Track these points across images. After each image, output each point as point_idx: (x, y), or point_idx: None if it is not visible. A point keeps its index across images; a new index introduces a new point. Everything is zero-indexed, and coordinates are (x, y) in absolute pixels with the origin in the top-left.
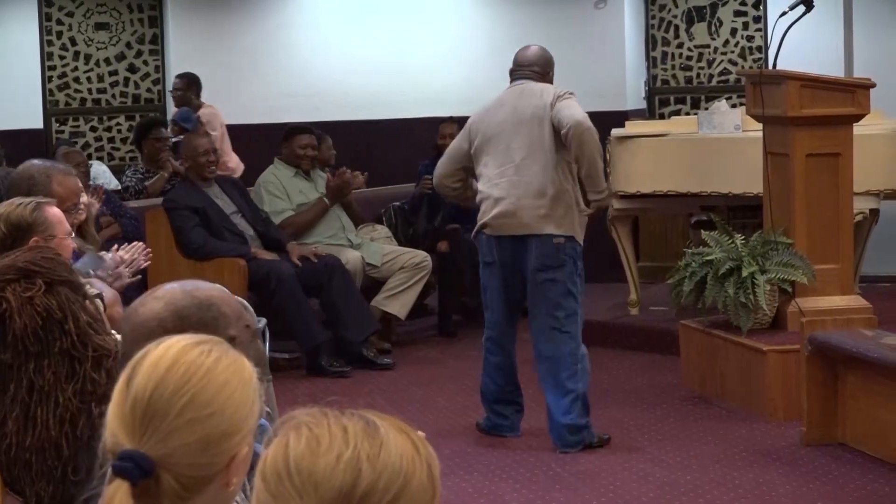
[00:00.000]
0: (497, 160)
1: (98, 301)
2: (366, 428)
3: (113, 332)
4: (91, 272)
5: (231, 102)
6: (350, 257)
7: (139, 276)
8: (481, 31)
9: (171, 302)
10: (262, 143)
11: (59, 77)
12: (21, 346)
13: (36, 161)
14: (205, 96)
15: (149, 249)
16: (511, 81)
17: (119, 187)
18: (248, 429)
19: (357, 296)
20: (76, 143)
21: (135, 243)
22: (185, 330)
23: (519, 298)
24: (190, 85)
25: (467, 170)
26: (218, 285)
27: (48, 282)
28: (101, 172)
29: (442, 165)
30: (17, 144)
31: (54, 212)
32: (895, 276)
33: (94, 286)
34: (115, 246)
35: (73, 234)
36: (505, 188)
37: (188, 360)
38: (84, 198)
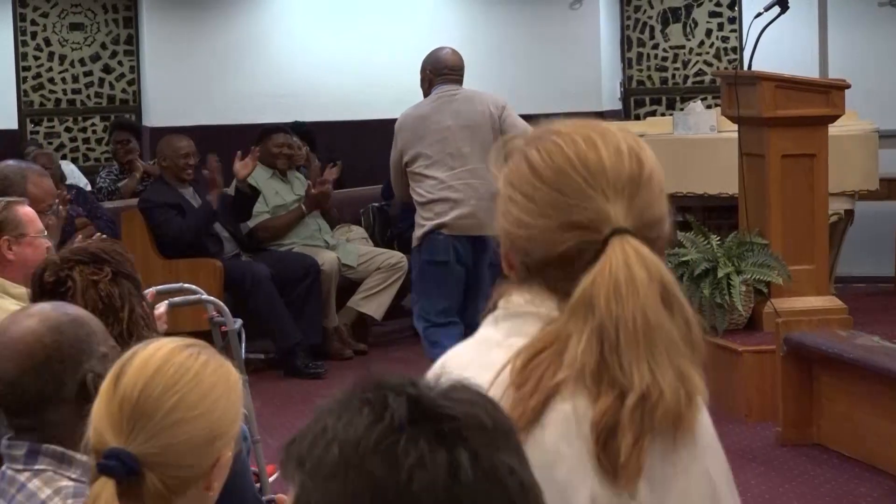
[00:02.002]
0: (447, 163)
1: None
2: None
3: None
4: None
5: (205, 103)
6: (326, 258)
7: None
8: (455, 32)
9: (46, 318)
10: (237, 143)
11: (34, 77)
12: None
13: (11, 162)
14: (180, 97)
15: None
16: (443, 81)
17: (88, 186)
18: (232, 433)
19: (312, 307)
20: (42, 145)
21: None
22: (62, 344)
23: (464, 292)
24: None
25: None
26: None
27: (115, 272)
28: (70, 172)
29: (396, 185)
30: None
31: (26, 211)
32: (870, 276)
33: None
34: (79, 237)
35: (45, 234)
36: (463, 190)
37: (177, 362)
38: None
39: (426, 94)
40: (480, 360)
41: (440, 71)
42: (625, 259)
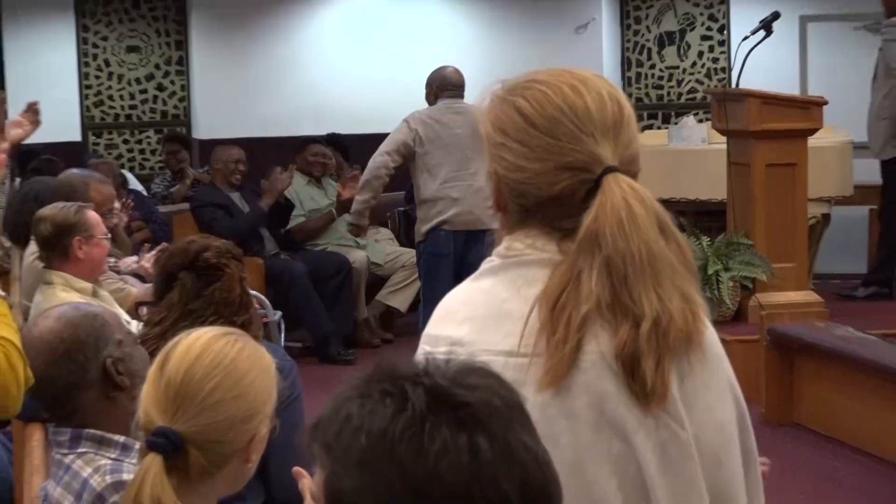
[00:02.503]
0: (453, 165)
1: None
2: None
3: None
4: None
5: (248, 117)
6: (356, 257)
7: None
8: (470, 54)
9: (62, 316)
10: (277, 153)
11: (95, 95)
12: (214, 306)
13: (75, 170)
14: (226, 112)
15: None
16: (448, 96)
17: (143, 192)
18: (266, 412)
19: (343, 300)
20: (101, 155)
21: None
22: (79, 336)
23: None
24: None
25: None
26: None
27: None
28: (128, 179)
29: (391, 156)
30: (57, 155)
31: (93, 215)
32: (845, 273)
33: (129, 282)
34: (146, 246)
35: (108, 236)
36: (462, 190)
37: (216, 349)
38: (117, 204)
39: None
40: (498, 308)
41: (445, 87)
42: (622, 195)
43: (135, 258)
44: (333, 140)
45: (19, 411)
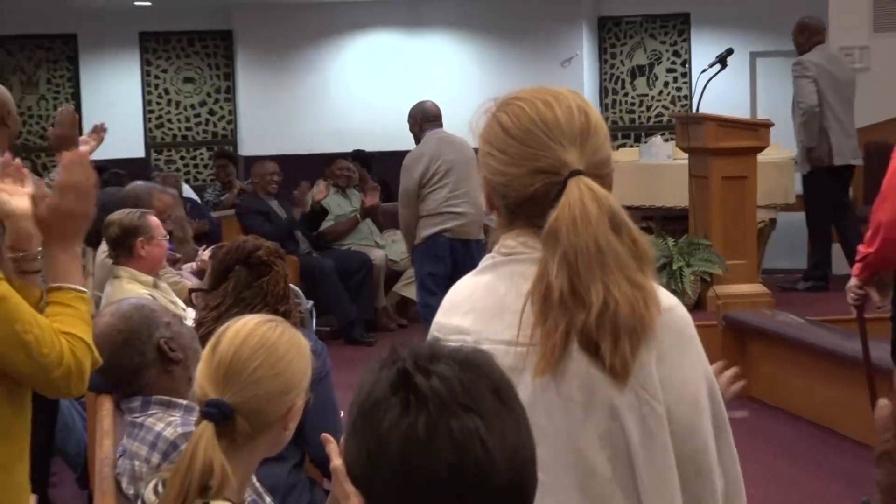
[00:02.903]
0: (452, 186)
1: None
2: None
3: None
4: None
5: (286, 137)
6: (376, 255)
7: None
8: (473, 82)
9: (117, 311)
10: (310, 167)
11: (157, 118)
12: (262, 296)
13: (140, 182)
14: (266, 132)
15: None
16: (430, 127)
17: (197, 199)
18: (302, 387)
19: (365, 291)
20: (162, 169)
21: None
22: (132, 326)
23: (449, 279)
24: None
25: None
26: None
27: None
28: (185, 190)
29: (413, 208)
30: (124, 170)
31: (154, 219)
32: (788, 269)
33: (184, 276)
34: (204, 246)
35: (169, 237)
36: (463, 206)
37: (260, 333)
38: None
39: (416, 136)
40: (498, 302)
41: (428, 118)
42: (580, 196)
43: (194, 264)
44: (359, 156)
45: (84, 392)
